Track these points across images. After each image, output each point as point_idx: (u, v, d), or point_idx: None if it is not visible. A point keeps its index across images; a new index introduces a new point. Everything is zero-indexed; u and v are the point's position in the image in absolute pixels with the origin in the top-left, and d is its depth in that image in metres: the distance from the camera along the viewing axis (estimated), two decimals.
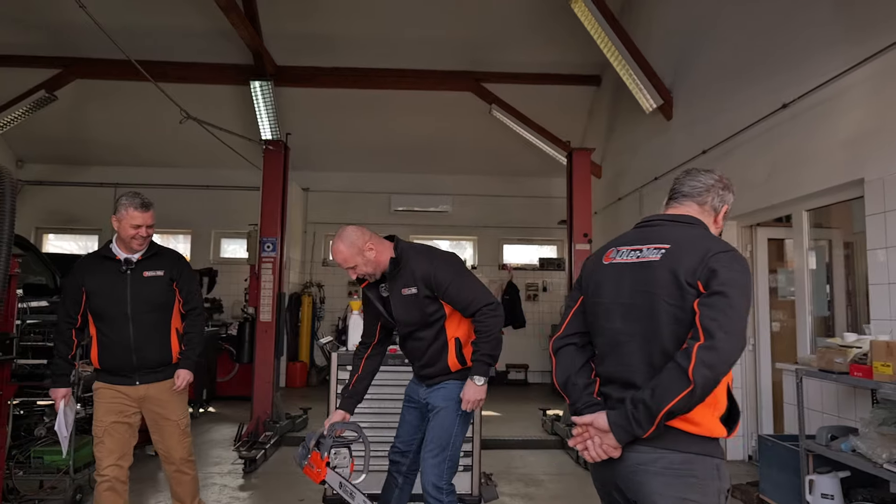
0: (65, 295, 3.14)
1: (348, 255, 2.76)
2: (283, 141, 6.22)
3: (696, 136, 6.37)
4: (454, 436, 2.89)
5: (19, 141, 10.40)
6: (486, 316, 2.76)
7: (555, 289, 11.29)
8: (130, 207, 3.04)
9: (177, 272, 3.23)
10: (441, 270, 2.79)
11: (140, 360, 3.07)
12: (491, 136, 10.10)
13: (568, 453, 5.73)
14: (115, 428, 3.06)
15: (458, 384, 2.86)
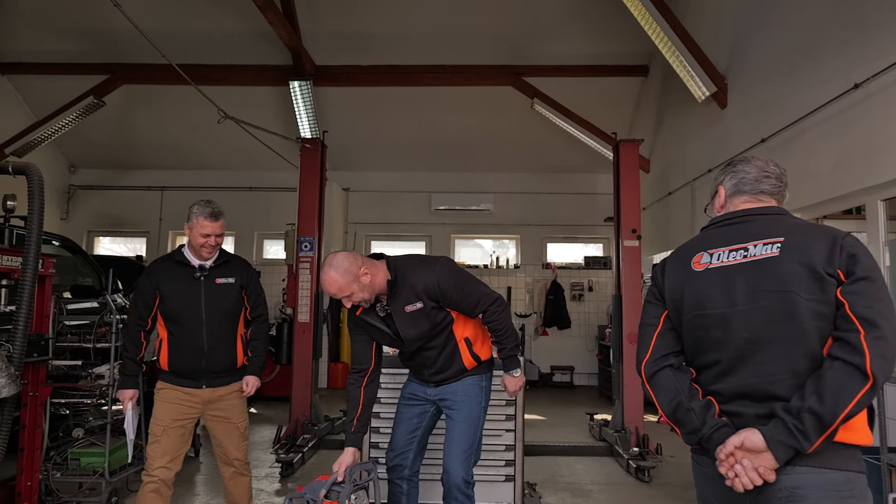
0: (137, 296, 3.14)
1: (343, 283, 2.58)
2: (319, 139, 6.12)
3: (754, 123, 5.97)
4: (480, 429, 2.89)
5: (72, 147, 10.70)
6: (495, 314, 2.77)
7: (601, 288, 10.90)
8: (201, 216, 3.07)
9: (246, 279, 3.28)
10: (443, 279, 2.72)
11: (209, 364, 3.10)
12: (533, 132, 9.83)
13: (617, 461, 5.43)
14: (173, 430, 3.07)
15: (476, 378, 2.89)
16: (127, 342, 3.16)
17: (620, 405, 5.79)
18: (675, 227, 8.12)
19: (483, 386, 2.95)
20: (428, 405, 3.01)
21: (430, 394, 2.97)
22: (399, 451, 2.97)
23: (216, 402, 3.16)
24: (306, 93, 8.64)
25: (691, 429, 1.64)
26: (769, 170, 1.81)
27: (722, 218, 1.78)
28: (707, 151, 7.00)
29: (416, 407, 3.00)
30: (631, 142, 6.01)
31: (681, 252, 1.80)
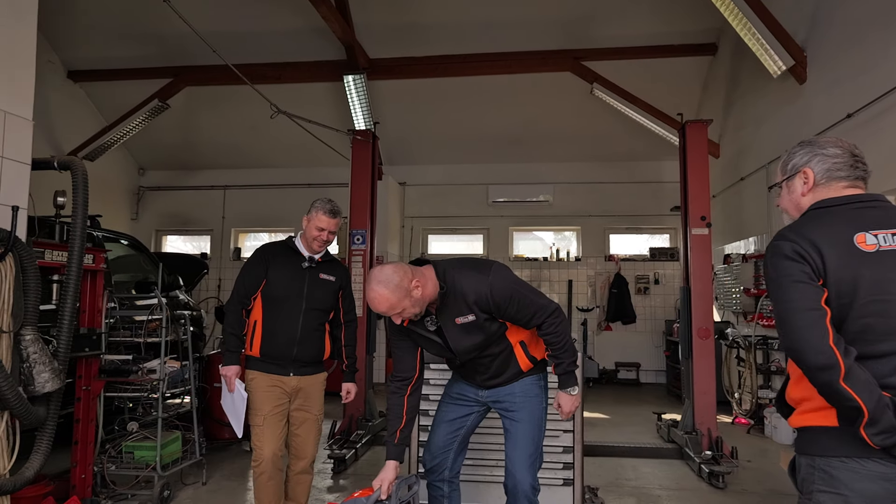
0: (246, 274, 3.20)
1: (395, 300, 2.35)
2: (371, 130, 6.02)
3: (838, 98, 5.44)
4: (543, 431, 2.73)
5: (140, 150, 11.11)
6: (552, 326, 2.55)
7: (668, 281, 10.38)
8: (321, 211, 3.18)
9: (345, 282, 3.40)
10: (497, 290, 2.48)
11: (299, 353, 3.15)
12: (593, 119, 9.45)
13: (688, 465, 5.06)
14: (273, 417, 3.11)
15: (534, 377, 2.73)
16: (230, 318, 3.18)
17: (691, 405, 5.40)
18: (749, 214, 7.57)
19: (542, 385, 2.77)
20: (476, 406, 2.82)
21: (481, 395, 2.78)
22: (438, 452, 2.79)
23: (301, 391, 3.20)
24: (360, 87, 8.59)
25: (888, 426, 1.49)
26: (857, 153, 1.76)
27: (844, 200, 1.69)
28: (784, 131, 6.46)
29: (463, 407, 2.82)
30: (699, 123, 5.59)
31: (827, 230, 1.64)
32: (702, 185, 5.51)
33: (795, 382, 1.70)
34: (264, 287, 3.16)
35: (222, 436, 5.30)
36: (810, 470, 1.64)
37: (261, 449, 3.06)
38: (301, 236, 3.29)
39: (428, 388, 3.37)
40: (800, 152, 1.80)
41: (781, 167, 1.87)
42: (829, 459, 1.60)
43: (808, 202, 1.76)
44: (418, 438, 3.44)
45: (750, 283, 7.30)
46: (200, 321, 7.02)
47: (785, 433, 5.92)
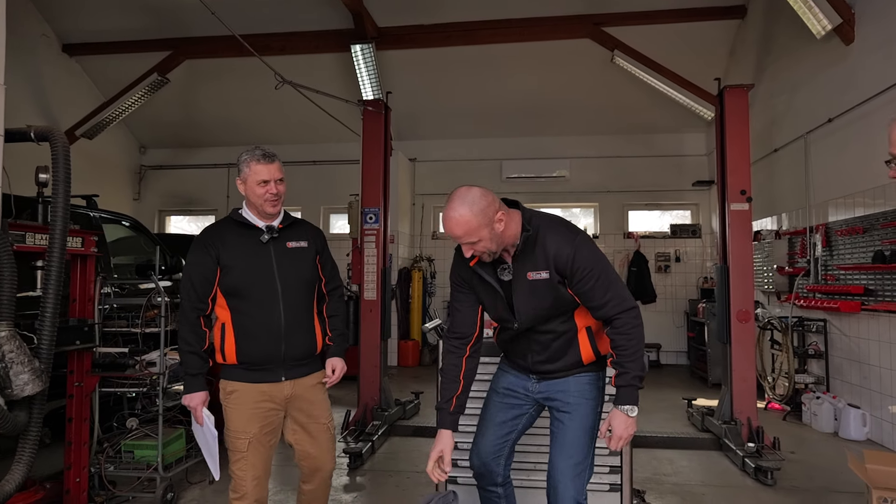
0: (192, 273, 2.50)
1: (475, 225, 2.09)
2: (382, 100, 5.61)
3: (891, 59, 4.99)
4: (595, 438, 2.36)
5: (141, 128, 10.73)
6: (629, 325, 2.17)
7: (689, 259, 10.00)
8: (252, 161, 2.50)
9: (320, 244, 2.70)
10: (581, 255, 2.16)
11: (289, 349, 2.51)
12: (612, 89, 8.97)
13: (728, 457, 4.72)
14: (261, 440, 2.48)
15: (592, 376, 2.36)
16: (185, 332, 2.48)
17: (728, 392, 5.05)
18: (783, 188, 7.13)
19: (601, 388, 2.40)
20: (528, 405, 2.46)
21: (532, 390, 2.43)
22: (489, 458, 2.44)
23: (299, 397, 2.55)
24: (369, 57, 8.15)
25: None
26: None
27: None
28: (827, 97, 6.00)
29: (513, 408, 2.46)
30: (739, 88, 5.14)
31: None
32: (742, 156, 5.09)
33: None
34: (222, 279, 2.47)
35: None
36: None
37: (243, 480, 2.45)
38: (246, 206, 2.59)
39: None
40: None
41: None
42: None
43: None
44: None
45: (784, 260, 6.91)
46: None
47: (826, 420, 5.57)
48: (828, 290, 5.92)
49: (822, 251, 6.04)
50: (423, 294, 9.85)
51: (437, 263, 10.30)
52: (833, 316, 5.93)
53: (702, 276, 9.85)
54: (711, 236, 9.83)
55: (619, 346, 2.18)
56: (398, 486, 4.10)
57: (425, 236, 10.56)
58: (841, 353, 5.82)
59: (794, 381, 6.08)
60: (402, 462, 4.62)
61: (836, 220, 5.85)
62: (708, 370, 7.86)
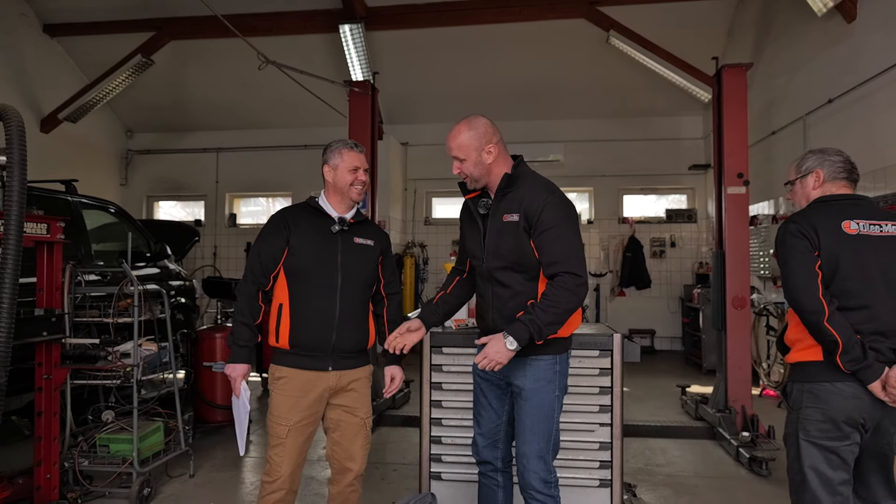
0: (262, 246, 2.52)
1: (465, 141, 2.33)
2: (370, 81, 5.43)
3: (894, 37, 4.83)
4: (556, 421, 2.38)
5: (127, 111, 10.50)
6: (565, 285, 2.19)
7: (685, 244, 9.88)
8: (344, 149, 2.57)
9: (385, 246, 2.71)
10: (553, 208, 2.26)
11: (339, 341, 2.49)
12: (607, 71, 8.79)
13: (722, 446, 4.63)
14: (300, 429, 2.47)
15: (550, 360, 2.35)
16: (242, 303, 2.50)
17: (723, 379, 4.95)
18: (780, 171, 6.95)
19: (558, 370, 2.36)
20: (503, 386, 2.46)
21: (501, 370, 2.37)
22: (486, 444, 2.50)
23: (343, 390, 2.53)
24: (358, 38, 7.94)
25: (856, 356, 2.09)
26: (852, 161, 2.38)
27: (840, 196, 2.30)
28: (827, 77, 5.85)
29: (493, 388, 2.48)
30: (737, 67, 4.98)
31: (824, 217, 2.23)
32: (740, 138, 4.94)
33: (793, 327, 2.30)
34: (287, 259, 2.49)
35: (214, 419, 4.89)
36: (800, 393, 2.25)
37: (279, 466, 2.44)
38: (326, 194, 2.60)
39: (440, 374, 2.91)
40: (811, 157, 2.40)
41: (796, 168, 2.43)
42: (815, 384, 2.19)
43: (815, 195, 2.35)
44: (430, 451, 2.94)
45: None
46: (192, 292, 6.56)
47: None
48: None
49: None
50: (415, 280, 9.72)
51: (429, 249, 10.16)
52: None
53: (697, 261, 9.74)
54: (707, 221, 9.71)
55: (545, 296, 2.20)
56: (384, 479, 3.99)
57: (418, 222, 10.41)
58: None
59: None
60: (389, 453, 4.51)
61: None
62: (703, 356, 7.78)
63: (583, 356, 2.76)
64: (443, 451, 2.85)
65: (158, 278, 5.85)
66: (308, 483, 3.86)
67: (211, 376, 4.90)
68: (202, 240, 9.81)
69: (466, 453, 2.77)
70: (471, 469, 2.70)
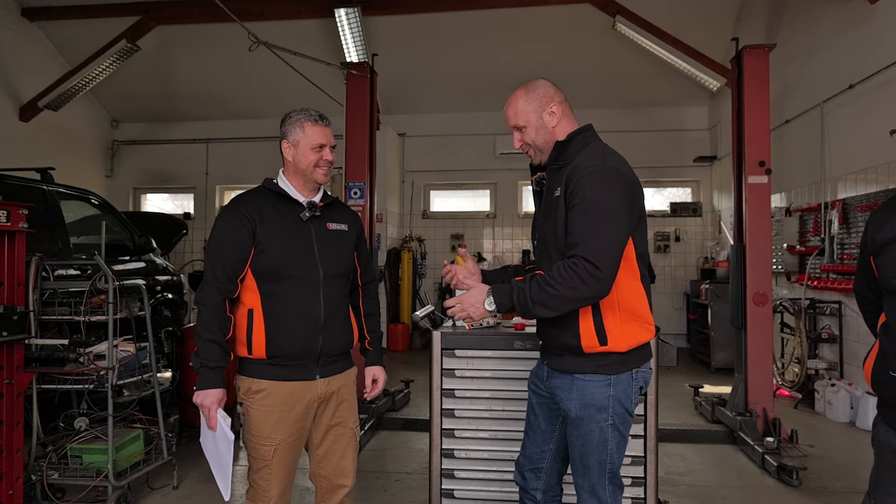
0: (219, 249, 2.09)
1: (523, 106, 2.03)
2: (368, 63, 5.10)
3: None
4: (612, 453, 1.96)
5: (112, 99, 10.11)
6: (576, 268, 1.76)
7: (690, 238, 9.61)
8: (306, 122, 2.17)
9: (360, 229, 2.38)
10: (590, 179, 1.84)
11: (325, 344, 2.16)
12: (612, 60, 8.49)
13: (744, 452, 4.36)
14: (287, 448, 2.14)
15: (601, 382, 1.92)
16: (206, 317, 2.07)
17: (743, 380, 4.67)
18: (795, 162, 6.71)
19: (611, 395, 1.92)
20: (554, 406, 2.09)
21: (546, 383, 2.08)
22: (529, 468, 2.14)
23: (332, 398, 2.22)
24: (354, 22, 7.59)
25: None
26: None
27: None
28: (847, 62, 5.57)
29: (544, 407, 2.12)
30: (759, 48, 4.70)
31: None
32: (761, 124, 4.66)
33: None
34: (255, 258, 2.10)
35: None
36: None
37: (266, 490, 2.12)
38: (286, 174, 2.22)
39: (453, 380, 2.60)
40: None
41: None
42: None
43: None
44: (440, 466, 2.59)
45: (794, 239, 6.53)
46: (180, 287, 6.23)
47: (842, 409, 5.22)
48: (844, 270, 5.54)
49: (839, 229, 5.65)
50: (412, 276, 9.41)
51: (427, 244, 9.85)
52: (849, 298, 5.55)
53: (702, 256, 9.47)
54: (713, 215, 9.45)
55: (549, 272, 1.83)
56: (386, 491, 3.68)
57: (415, 215, 10.08)
58: (858, 338, 5.46)
59: (807, 368, 5.73)
60: (390, 461, 4.21)
61: (856, 196, 5.45)
62: (711, 354, 7.51)
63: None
64: (456, 465, 2.55)
65: (143, 273, 5.53)
66: (303, 495, 3.55)
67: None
68: (191, 233, 9.48)
69: (483, 468, 2.48)
70: (488, 486, 2.42)
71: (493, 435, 2.50)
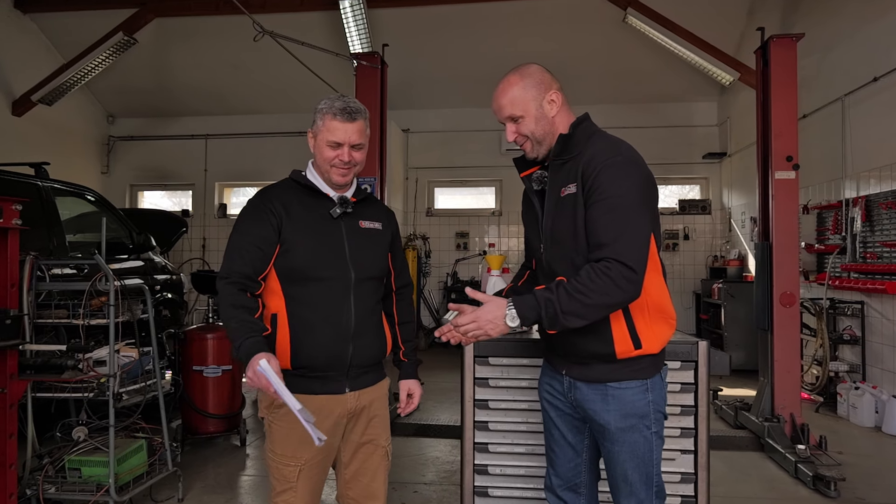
0: (241, 246, 1.88)
1: (520, 94, 1.81)
2: (378, 54, 4.90)
3: None
4: (657, 464, 1.82)
5: (108, 95, 9.87)
6: (609, 272, 1.61)
7: (699, 236, 9.44)
8: (328, 115, 1.92)
9: (395, 229, 2.17)
10: (612, 172, 1.68)
11: (356, 354, 1.94)
12: (621, 54, 8.32)
13: (774, 460, 4.18)
14: (313, 468, 1.93)
15: (639, 388, 1.78)
16: (228, 313, 1.81)
17: (769, 384, 4.50)
18: (812, 158, 6.52)
19: (650, 400, 1.79)
20: (577, 416, 1.91)
21: (569, 394, 1.88)
22: (564, 488, 1.96)
23: (361, 413, 2.00)
24: (359, 13, 7.39)
25: None
26: None
27: None
28: (871, 54, 5.39)
29: (566, 418, 1.92)
30: (786, 38, 4.52)
31: None
32: (789, 117, 4.48)
33: None
34: (280, 257, 1.89)
35: (206, 429, 4.36)
36: None
37: None
38: (314, 166, 2.02)
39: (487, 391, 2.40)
40: None
41: None
42: None
43: None
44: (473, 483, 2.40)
45: (812, 237, 6.36)
46: (180, 286, 6.02)
47: (867, 413, 5.06)
48: (868, 270, 5.37)
49: (862, 226, 5.48)
50: (417, 275, 9.21)
51: (432, 242, 9.65)
52: (873, 297, 5.39)
53: (711, 254, 9.31)
54: (722, 212, 9.29)
55: (578, 279, 1.63)
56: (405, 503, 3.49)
57: (419, 213, 9.88)
58: (882, 339, 5.29)
59: (829, 370, 5.56)
60: (406, 470, 4.00)
61: (881, 192, 5.29)
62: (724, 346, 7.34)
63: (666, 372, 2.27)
64: (490, 482, 2.35)
65: (142, 272, 5.32)
66: None
67: (202, 380, 4.37)
68: (190, 231, 9.24)
69: (520, 485, 2.29)
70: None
71: (530, 450, 2.30)
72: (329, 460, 2.00)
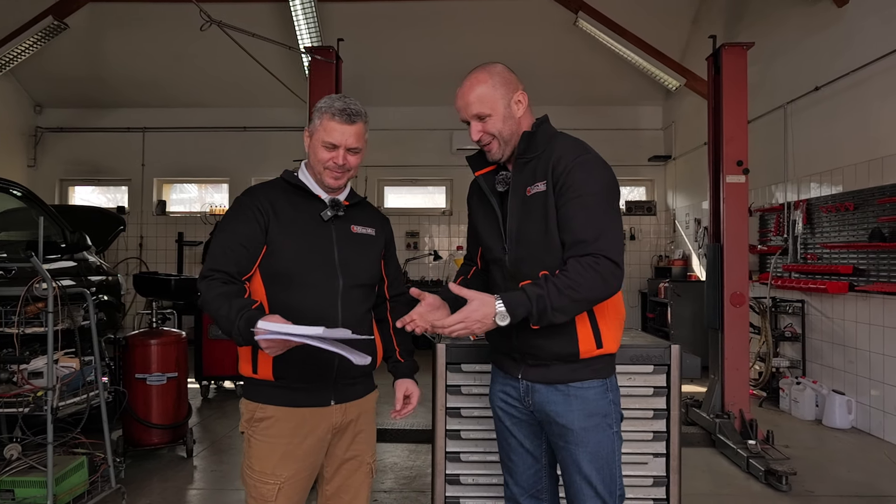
0: (226, 244, 1.78)
1: (488, 92, 1.78)
2: (334, 49, 4.75)
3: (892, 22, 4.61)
4: (619, 464, 1.83)
5: (36, 83, 9.27)
6: (597, 267, 1.62)
7: (644, 237, 9.68)
8: (325, 115, 1.84)
9: (389, 235, 2.08)
10: (584, 170, 1.73)
11: (343, 364, 1.79)
12: (571, 57, 8.46)
13: (724, 455, 4.29)
14: (294, 485, 1.81)
15: (600, 387, 1.79)
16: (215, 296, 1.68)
17: (719, 382, 4.62)
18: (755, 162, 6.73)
19: (611, 399, 1.80)
20: (533, 422, 1.87)
21: (526, 399, 1.84)
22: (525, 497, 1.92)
23: (347, 427, 1.90)
24: (309, 7, 7.20)
25: None
26: None
27: None
28: (814, 64, 5.63)
29: (522, 424, 1.89)
30: (737, 46, 4.65)
31: None
32: (739, 123, 4.62)
33: None
34: (266, 259, 1.81)
35: (150, 441, 4.11)
36: None
37: None
38: (307, 166, 1.94)
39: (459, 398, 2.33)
40: None
41: None
42: None
43: None
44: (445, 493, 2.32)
45: (755, 239, 6.60)
46: (117, 288, 5.68)
47: (808, 407, 5.28)
48: (808, 270, 5.61)
49: (804, 229, 5.72)
50: None
51: None
52: (813, 297, 5.63)
53: (656, 254, 9.56)
54: (667, 213, 9.55)
55: (565, 273, 1.62)
56: None
57: None
58: (822, 336, 5.54)
59: (772, 366, 5.78)
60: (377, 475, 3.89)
61: (822, 196, 5.53)
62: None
63: (634, 373, 2.26)
64: (462, 492, 2.28)
65: (76, 273, 4.98)
66: None
67: (144, 389, 4.11)
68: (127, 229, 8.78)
69: (493, 494, 2.23)
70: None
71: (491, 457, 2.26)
72: (310, 479, 1.88)
